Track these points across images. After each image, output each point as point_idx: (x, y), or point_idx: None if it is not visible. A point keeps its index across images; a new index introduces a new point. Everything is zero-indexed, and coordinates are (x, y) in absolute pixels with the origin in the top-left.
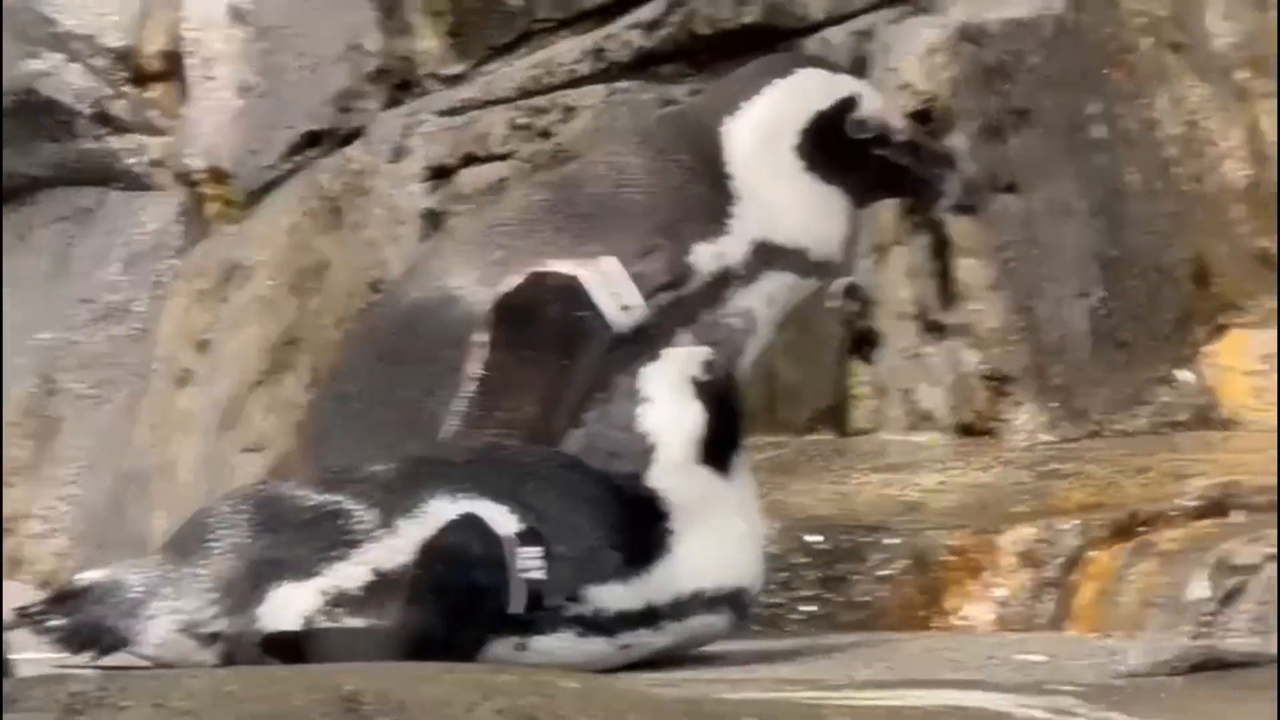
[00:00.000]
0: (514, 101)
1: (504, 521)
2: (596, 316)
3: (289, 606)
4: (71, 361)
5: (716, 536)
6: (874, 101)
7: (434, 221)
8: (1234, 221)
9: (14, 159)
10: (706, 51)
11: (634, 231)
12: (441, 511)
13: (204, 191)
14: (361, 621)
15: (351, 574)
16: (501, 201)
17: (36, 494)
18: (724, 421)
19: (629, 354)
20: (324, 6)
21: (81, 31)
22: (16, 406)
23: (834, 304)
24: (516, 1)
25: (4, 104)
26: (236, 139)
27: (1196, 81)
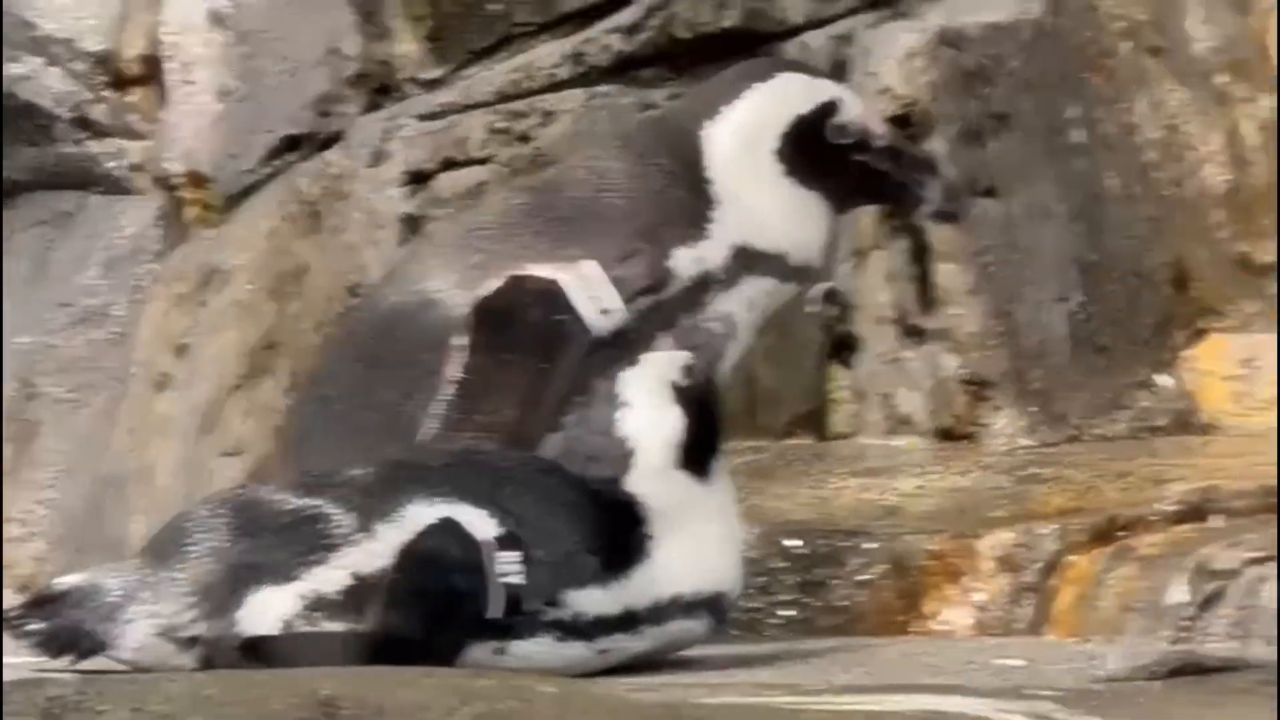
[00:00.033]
0: (493, 106)
1: (482, 526)
2: (576, 320)
3: (267, 610)
4: (50, 365)
5: (695, 541)
6: (854, 106)
7: (413, 226)
8: (1213, 226)
9: None
10: (686, 55)
11: (614, 236)
12: (420, 516)
13: (183, 196)
14: (340, 626)
15: (330, 578)
16: (481, 206)
17: (15, 498)
18: (703, 426)
19: (608, 358)
20: (303, 10)
21: (61, 35)
22: None
23: (813, 308)
24: (496, 6)
25: None
26: (215, 143)
27: (1176, 86)
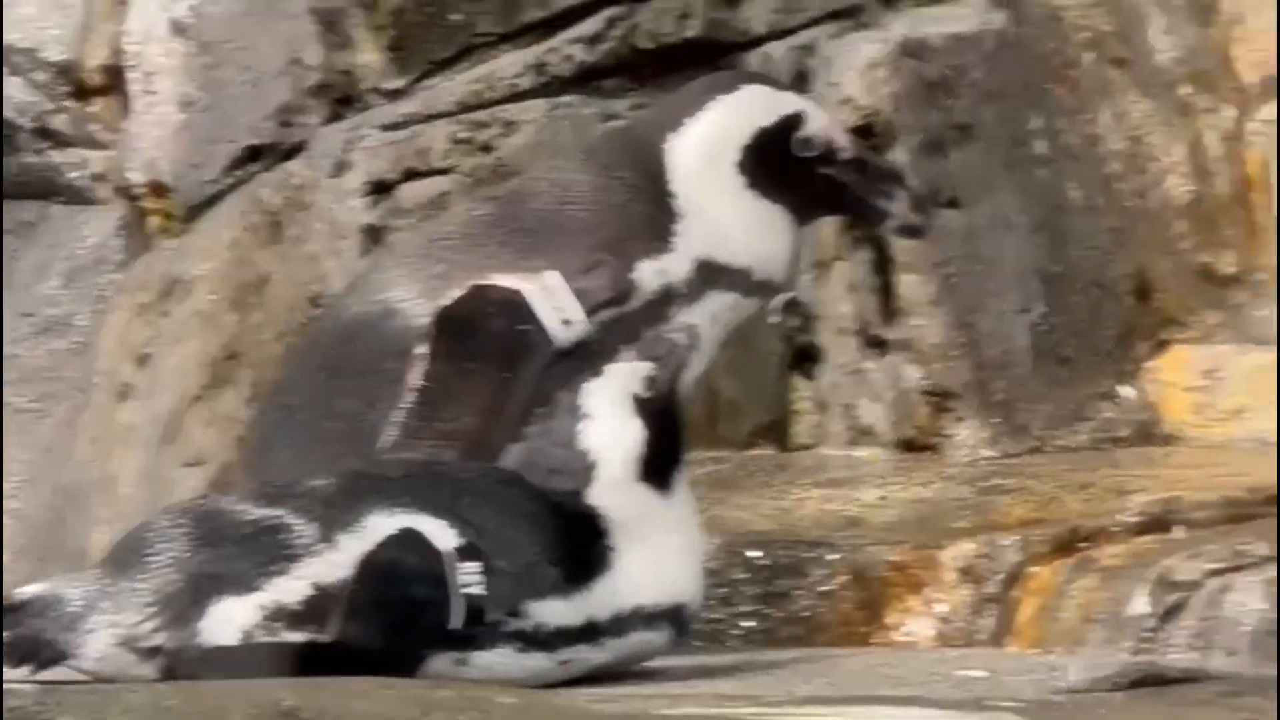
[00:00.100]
0: (455, 116)
1: (443, 536)
2: (538, 330)
3: (229, 621)
4: (12, 375)
5: (656, 553)
6: (819, 119)
7: (375, 236)
8: (1176, 237)
9: None
10: (649, 66)
11: (577, 247)
12: (381, 526)
13: (145, 206)
14: (301, 636)
15: (291, 588)
16: (444, 216)
17: None
18: (664, 438)
19: (570, 369)
20: (265, 20)
21: (23, 45)
22: None
23: (774, 319)
24: (457, 16)
25: None
26: (177, 153)
27: (1139, 97)
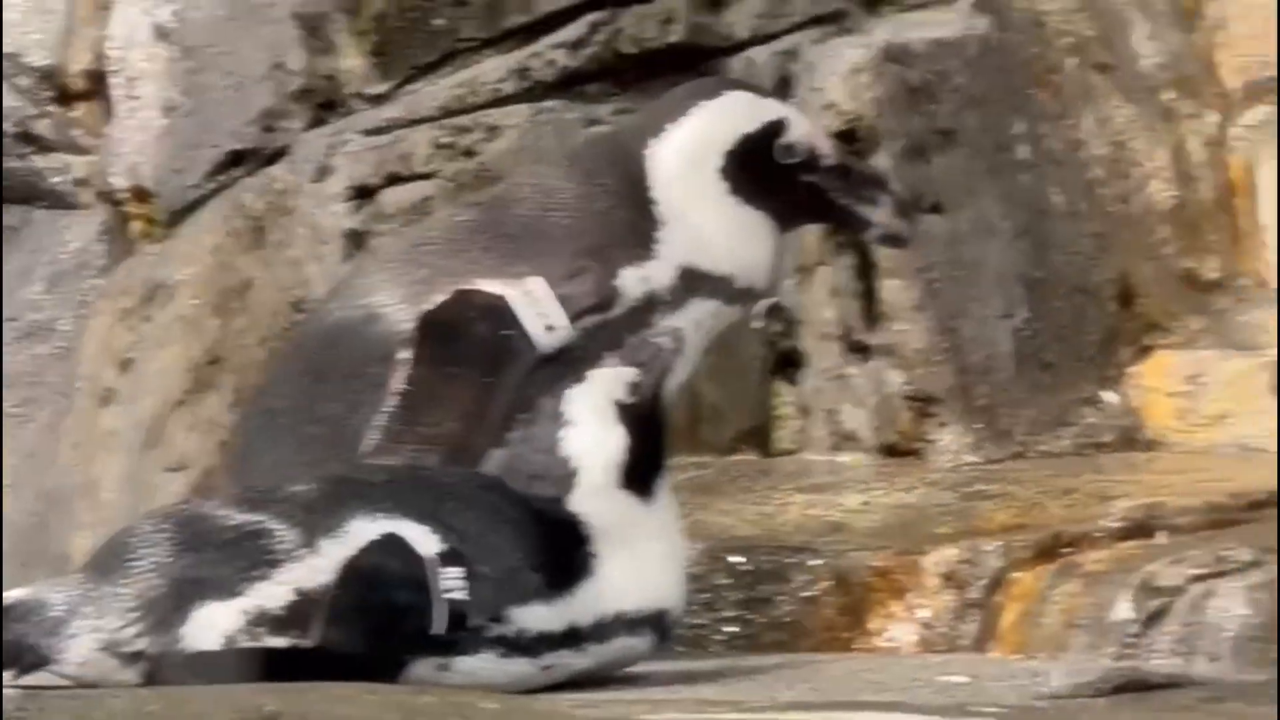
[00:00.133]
0: (437, 121)
1: (425, 541)
2: (521, 336)
3: (211, 626)
4: None
5: (638, 559)
6: (801, 126)
7: (357, 241)
8: (1159, 242)
9: None
10: (632, 71)
11: (560, 254)
12: (363, 531)
13: (127, 210)
14: (283, 641)
15: (273, 594)
16: (427, 222)
17: None
18: (647, 445)
19: (553, 375)
20: (248, 25)
21: (5, 50)
22: None
23: (757, 324)
24: (440, 20)
25: None
26: (160, 158)
27: (1122, 102)
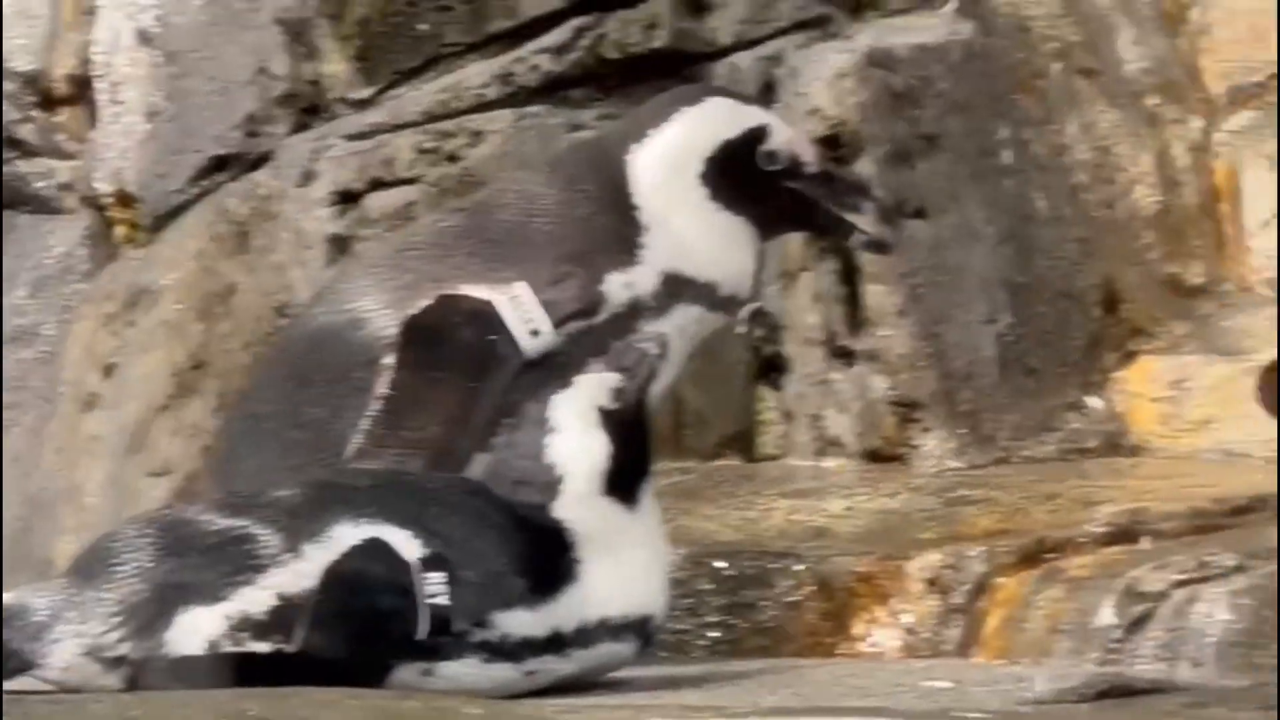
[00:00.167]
0: (421, 126)
1: (408, 546)
2: (506, 341)
3: (194, 631)
4: None
5: (622, 565)
6: (784, 132)
7: (341, 246)
8: (1143, 248)
9: None
10: (615, 76)
11: (545, 259)
12: (346, 536)
13: (111, 215)
14: (266, 647)
15: (256, 599)
16: (411, 227)
17: None
18: (631, 452)
19: (537, 380)
20: (231, 30)
21: None
22: None
23: (741, 329)
24: (424, 25)
25: None
26: (144, 163)
27: (1107, 107)
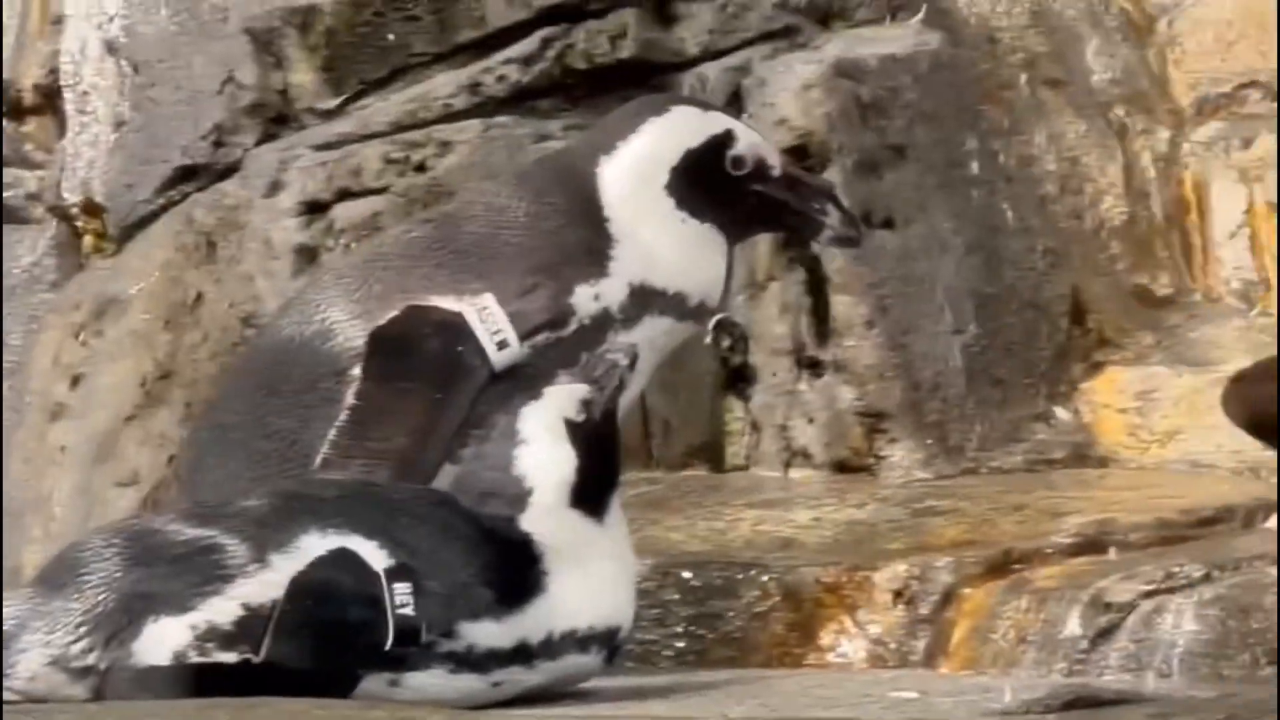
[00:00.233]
0: (389, 136)
1: (376, 557)
2: (474, 352)
3: (161, 641)
4: None
5: (589, 577)
6: (748, 137)
7: (308, 256)
8: (1111, 258)
9: None
10: (583, 86)
11: (513, 271)
12: (314, 547)
13: (79, 225)
14: (233, 657)
15: (223, 609)
16: (379, 237)
17: None
18: (598, 464)
19: (505, 392)
20: (199, 41)
21: None
22: None
23: (708, 339)
24: (391, 36)
25: None
26: (111, 173)
27: (1074, 118)
